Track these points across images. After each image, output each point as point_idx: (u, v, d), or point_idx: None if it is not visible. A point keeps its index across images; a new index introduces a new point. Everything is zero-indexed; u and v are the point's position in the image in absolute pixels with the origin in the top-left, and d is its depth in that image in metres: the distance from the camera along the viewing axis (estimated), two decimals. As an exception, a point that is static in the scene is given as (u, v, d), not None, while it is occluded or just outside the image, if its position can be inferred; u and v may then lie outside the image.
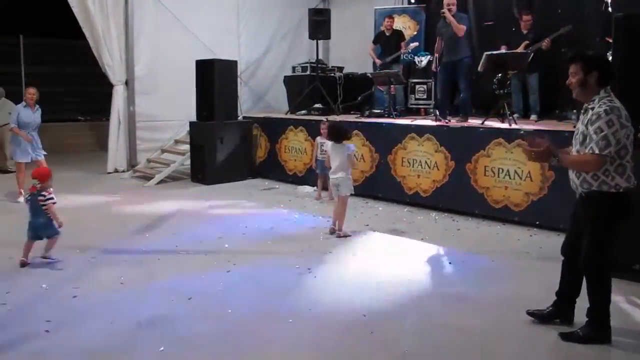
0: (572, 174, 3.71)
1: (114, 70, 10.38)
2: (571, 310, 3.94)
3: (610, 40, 5.55)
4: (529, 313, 4.05)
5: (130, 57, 10.52)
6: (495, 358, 3.55)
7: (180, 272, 5.09)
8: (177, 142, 10.89)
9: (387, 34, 10.05)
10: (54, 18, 12.53)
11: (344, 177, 6.26)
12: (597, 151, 3.41)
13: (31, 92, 7.89)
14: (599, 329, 3.68)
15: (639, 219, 4.60)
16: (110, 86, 10.51)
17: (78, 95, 15.58)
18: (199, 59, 10.05)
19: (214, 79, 9.66)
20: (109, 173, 10.43)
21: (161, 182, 9.62)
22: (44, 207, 5.20)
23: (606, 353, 3.62)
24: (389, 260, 5.49)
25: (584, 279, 3.78)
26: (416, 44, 10.17)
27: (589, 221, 3.65)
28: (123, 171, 10.52)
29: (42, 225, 5.23)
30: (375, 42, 10.39)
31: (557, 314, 3.98)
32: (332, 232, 6.38)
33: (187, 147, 10.19)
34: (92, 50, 10.27)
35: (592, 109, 3.51)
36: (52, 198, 5.24)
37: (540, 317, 4.01)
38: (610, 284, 3.68)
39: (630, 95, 4.64)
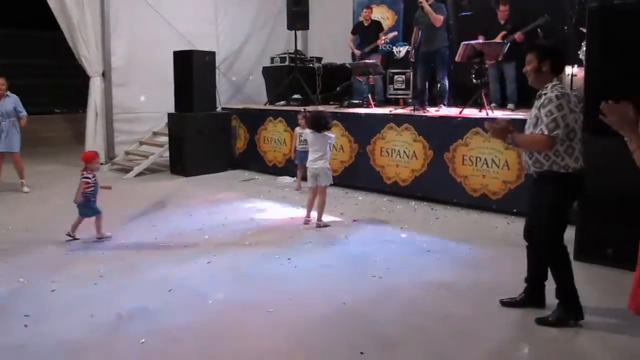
0: (525, 156, 3.88)
1: (90, 61, 10.25)
2: (541, 293, 4.04)
3: (584, 30, 5.62)
4: (503, 303, 4.14)
5: (106, 48, 10.39)
6: (475, 343, 3.60)
7: (160, 264, 5.07)
8: (155, 134, 10.82)
9: (366, 25, 10.06)
10: (27, 9, 12.34)
11: (323, 167, 6.27)
12: (546, 132, 3.60)
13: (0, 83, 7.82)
14: (569, 309, 3.80)
15: (612, 205, 4.74)
16: (86, 78, 10.39)
17: (53, 87, 15.36)
18: (176, 50, 9.98)
19: (192, 70, 9.61)
20: (87, 166, 10.32)
21: (140, 174, 9.56)
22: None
23: (577, 336, 3.69)
24: (369, 249, 5.52)
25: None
26: (395, 33, 10.21)
27: (542, 203, 3.80)
28: (101, 164, 10.39)
29: (80, 204, 5.68)
30: (353, 32, 10.40)
31: (529, 299, 4.08)
32: (307, 223, 6.40)
33: (165, 139, 10.13)
34: (67, 42, 10.14)
35: (545, 94, 3.71)
36: (87, 177, 5.65)
37: (513, 305, 4.11)
38: (570, 263, 3.81)
39: (604, 84, 4.73)
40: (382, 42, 9.90)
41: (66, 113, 14.85)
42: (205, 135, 9.65)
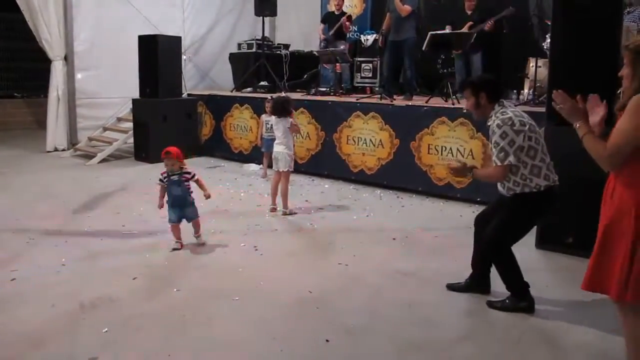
0: (498, 185, 3.91)
1: (52, 45, 10.00)
2: (486, 278, 4.14)
3: (549, 23, 5.70)
4: (448, 286, 4.26)
5: (69, 31, 10.16)
6: (439, 330, 3.65)
7: (124, 252, 5.01)
8: (119, 119, 10.64)
9: (337, 14, 10.05)
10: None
11: (283, 152, 6.27)
12: (498, 163, 3.68)
13: None
14: (518, 300, 3.89)
15: (572, 194, 4.82)
16: (48, 62, 10.14)
17: (13, 70, 14.96)
18: (142, 34, 9.80)
19: (158, 55, 9.45)
20: (49, 152, 10.12)
21: (103, 160, 9.40)
22: None
23: (525, 320, 3.78)
24: (334, 237, 5.54)
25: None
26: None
27: (505, 216, 3.83)
28: (63, 150, 10.21)
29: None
30: (323, 21, 10.37)
31: (475, 284, 4.18)
32: (273, 210, 6.40)
33: (130, 124, 9.96)
34: (27, 24, 9.87)
35: (490, 125, 3.78)
36: (159, 179, 5.43)
37: (458, 289, 4.22)
38: (514, 261, 3.85)
39: (568, 76, 4.80)
40: (348, 26, 9.92)
41: (27, 98, 14.48)
42: (170, 122, 9.53)
